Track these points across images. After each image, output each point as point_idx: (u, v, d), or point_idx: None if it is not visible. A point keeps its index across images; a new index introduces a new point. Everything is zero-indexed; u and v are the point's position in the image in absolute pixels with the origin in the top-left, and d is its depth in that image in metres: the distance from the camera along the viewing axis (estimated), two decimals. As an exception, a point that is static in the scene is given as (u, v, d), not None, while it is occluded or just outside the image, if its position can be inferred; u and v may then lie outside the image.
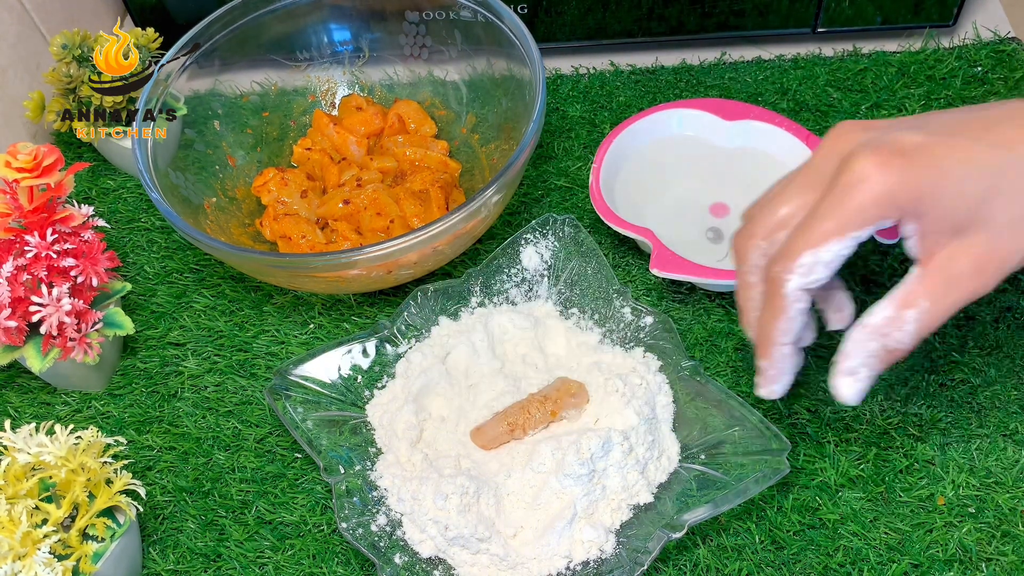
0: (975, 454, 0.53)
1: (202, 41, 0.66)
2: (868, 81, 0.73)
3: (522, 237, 0.60)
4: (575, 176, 0.69)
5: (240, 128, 0.70)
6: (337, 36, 0.72)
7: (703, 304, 0.61)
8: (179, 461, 0.57)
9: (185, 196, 0.63)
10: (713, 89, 0.74)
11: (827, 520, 0.52)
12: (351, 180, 0.67)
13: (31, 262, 0.54)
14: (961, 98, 0.71)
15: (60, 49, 0.66)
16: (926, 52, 0.74)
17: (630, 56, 0.78)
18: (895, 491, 0.52)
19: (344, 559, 0.53)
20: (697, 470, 0.51)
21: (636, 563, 0.47)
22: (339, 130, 0.70)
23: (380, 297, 0.64)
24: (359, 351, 0.57)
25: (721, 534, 0.52)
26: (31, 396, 0.61)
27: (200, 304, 0.65)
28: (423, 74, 0.72)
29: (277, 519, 0.54)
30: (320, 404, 0.55)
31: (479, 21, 0.66)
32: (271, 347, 0.62)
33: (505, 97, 0.66)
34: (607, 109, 0.74)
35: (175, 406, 0.60)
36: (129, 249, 0.68)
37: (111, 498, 0.48)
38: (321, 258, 0.55)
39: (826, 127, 0.70)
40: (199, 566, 0.53)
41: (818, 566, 0.50)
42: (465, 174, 0.69)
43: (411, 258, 0.57)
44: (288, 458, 0.57)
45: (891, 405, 0.55)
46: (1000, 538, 0.50)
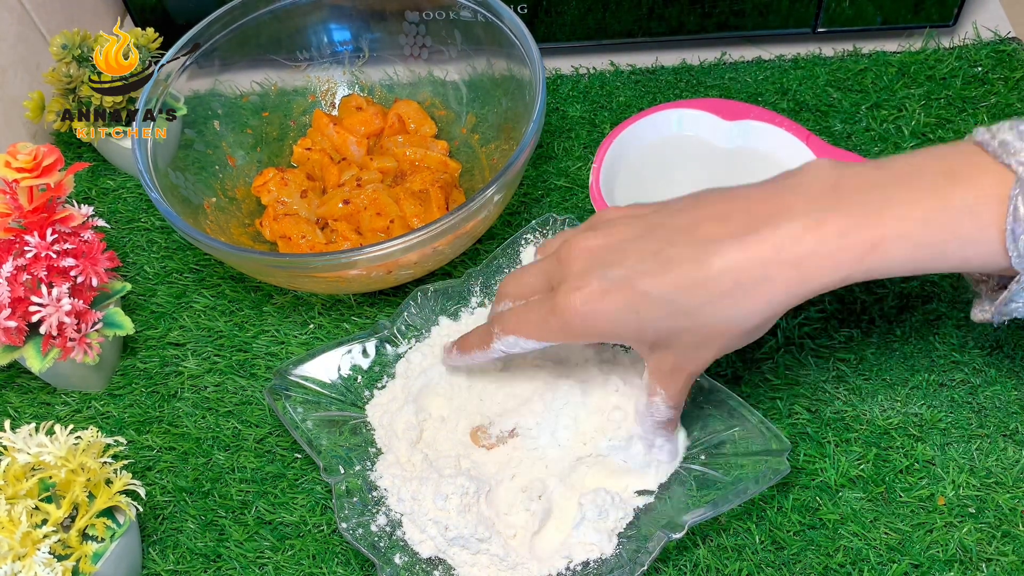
0: (975, 454, 0.53)
1: (202, 41, 0.66)
2: (868, 81, 0.73)
3: (522, 237, 0.60)
4: (575, 176, 0.69)
5: (240, 128, 0.70)
6: (337, 36, 0.72)
7: (703, 304, 0.61)
8: (179, 461, 0.57)
9: (185, 196, 0.63)
10: (713, 89, 0.74)
11: (827, 520, 0.52)
12: (351, 180, 0.67)
13: (31, 262, 0.54)
14: (961, 98, 0.71)
15: (60, 49, 0.66)
16: (926, 52, 0.74)
17: (630, 56, 0.78)
18: (895, 491, 0.52)
19: (344, 559, 0.53)
20: (697, 470, 0.51)
21: (636, 563, 0.47)
22: (339, 130, 0.70)
23: (380, 297, 0.64)
24: (359, 351, 0.57)
25: (721, 534, 0.52)
26: (31, 396, 0.61)
27: (200, 304, 0.65)
28: (423, 74, 0.72)
29: (277, 519, 0.54)
30: (320, 404, 0.55)
31: (479, 21, 0.66)
32: (271, 347, 0.62)
33: (505, 97, 0.66)
34: (607, 109, 0.74)
35: (175, 406, 0.60)
36: (129, 249, 0.68)
37: (111, 498, 0.48)
38: (321, 258, 0.55)
39: (826, 127, 0.70)
40: (199, 566, 0.53)
41: (818, 566, 0.50)
42: (465, 174, 0.69)
43: (411, 258, 0.56)
44: (288, 458, 0.57)
45: (891, 405, 0.55)
46: (1000, 538, 0.50)
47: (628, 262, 0.43)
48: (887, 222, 0.40)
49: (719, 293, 0.42)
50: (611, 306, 0.43)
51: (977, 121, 0.68)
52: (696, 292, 0.42)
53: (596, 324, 0.44)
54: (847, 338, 0.58)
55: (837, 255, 0.40)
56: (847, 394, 0.56)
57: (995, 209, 0.39)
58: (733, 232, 0.42)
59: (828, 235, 0.40)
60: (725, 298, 0.42)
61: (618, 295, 0.43)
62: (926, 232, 0.40)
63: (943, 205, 0.40)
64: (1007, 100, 0.70)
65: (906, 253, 0.40)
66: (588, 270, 0.44)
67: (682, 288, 0.42)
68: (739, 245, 0.41)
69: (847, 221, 0.40)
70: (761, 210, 0.42)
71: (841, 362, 0.57)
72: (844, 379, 0.57)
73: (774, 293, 0.41)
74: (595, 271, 0.44)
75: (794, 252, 0.40)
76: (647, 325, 0.43)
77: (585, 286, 0.44)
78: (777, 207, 0.41)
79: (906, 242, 0.40)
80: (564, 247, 0.46)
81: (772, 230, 0.41)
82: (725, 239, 0.42)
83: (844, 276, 0.41)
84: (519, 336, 0.47)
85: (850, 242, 0.40)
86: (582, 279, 0.44)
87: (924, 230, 0.40)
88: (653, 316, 0.43)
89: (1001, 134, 0.40)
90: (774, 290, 0.41)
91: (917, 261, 0.41)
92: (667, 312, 0.43)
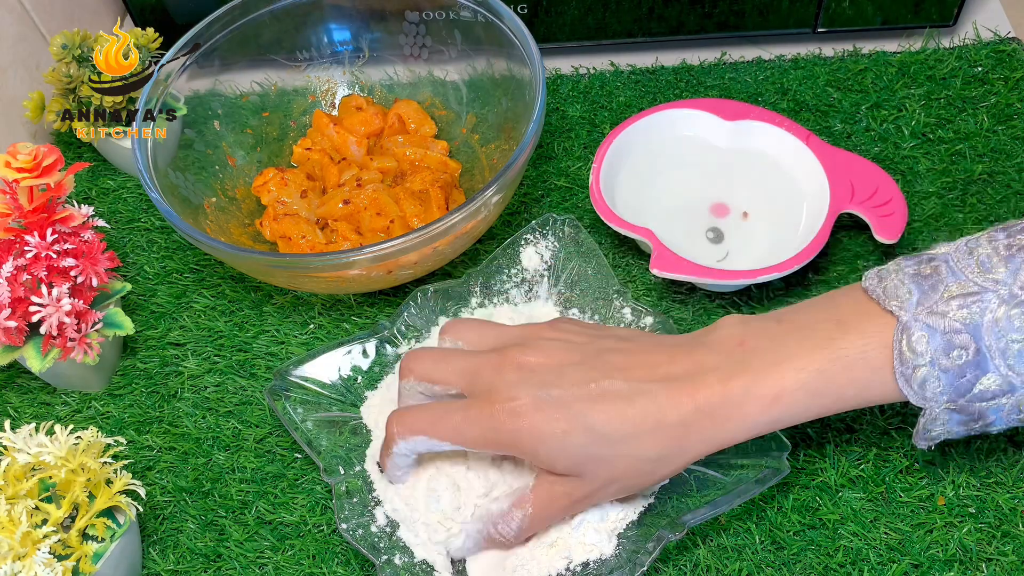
0: (975, 454, 0.53)
1: (202, 41, 0.66)
2: (868, 81, 0.73)
3: (522, 237, 0.60)
4: (575, 176, 0.69)
5: (240, 128, 0.70)
6: (337, 36, 0.72)
7: (703, 304, 0.61)
8: (179, 461, 0.57)
9: (185, 196, 0.63)
10: (713, 89, 0.74)
11: (827, 520, 0.52)
12: (351, 180, 0.67)
13: (31, 262, 0.54)
14: (961, 98, 0.71)
15: (60, 49, 0.66)
16: (926, 52, 0.74)
17: (630, 56, 0.78)
18: (895, 491, 0.52)
19: (344, 559, 0.53)
20: (697, 470, 0.51)
21: (636, 563, 0.47)
22: (339, 130, 0.70)
23: (380, 297, 0.64)
24: (359, 352, 0.57)
25: (721, 534, 0.52)
26: (31, 396, 0.61)
27: (200, 304, 0.65)
28: (423, 74, 0.72)
29: (277, 519, 0.54)
30: (320, 405, 0.55)
31: (479, 21, 0.66)
32: (271, 347, 0.62)
33: (505, 97, 0.66)
34: (607, 109, 0.74)
35: (175, 406, 0.60)
36: (129, 249, 0.68)
37: (111, 498, 0.48)
38: (321, 258, 0.55)
39: (826, 127, 0.70)
40: (199, 566, 0.53)
41: (818, 566, 0.50)
42: (465, 174, 0.69)
43: (411, 258, 0.56)
44: (288, 458, 0.57)
45: (891, 405, 0.55)
46: (1000, 538, 0.50)
47: (565, 385, 0.45)
48: (786, 375, 0.43)
49: (643, 430, 0.44)
50: (542, 423, 0.44)
51: (977, 121, 0.68)
52: (623, 426, 0.44)
53: (521, 438, 0.45)
54: (847, 338, 0.58)
55: (742, 407, 0.44)
56: (847, 394, 0.56)
57: (884, 354, 0.42)
58: (659, 377, 0.45)
59: (735, 390, 0.44)
60: (645, 436, 0.44)
61: (551, 414, 0.44)
62: (822, 381, 0.43)
63: (835, 356, 0.43)
64: (1007, 100, 0.70)
65: (807, 401, 0.44)
66: (523, 384, 0.45)
67: (612, 419, 0.44)
68: (665, 388, 0.45)
69: (751, 377, 0.44)
70: (684, 362, 0.46)
71: (841, 362, 0.57)
72: (844, 379, 0.57)
73: (686, 437, 0.44)
74: (531, 387, 0.45)
75: (707, 403, 0.44)
76: (569, 447, 0.45)
77: (519, 399, 0.45)
78: (696, 362, 0.45)
79: (805, 392, 0.43)
80: (497, 356, 0.47)
81: (690, 381, 0.45)
82: (653, 381, 0.45)
83: (749, 425, 0.44)
84: (431, 437, 0.47)
85: (753, 396, 0.44)
86: (516, 391, 0.45)
87: (820, 380, 0.43)
88: (578, 441, 0.44)
89: (886, 279, 0.43)
90: (687, 434, 0.44)
91: (819, 408, 0.44)
92: (592, 439, 0.44)
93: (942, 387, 0.41)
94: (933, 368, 0.41)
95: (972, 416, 0.42)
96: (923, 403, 0.42)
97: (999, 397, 0.41)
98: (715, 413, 0.44)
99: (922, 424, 0.43)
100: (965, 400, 0.41)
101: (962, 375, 0.41)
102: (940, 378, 0.41)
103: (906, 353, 0.41)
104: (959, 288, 0.41)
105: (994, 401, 0.41)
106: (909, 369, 0.41)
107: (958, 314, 0.41)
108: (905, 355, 0.41)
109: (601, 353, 0.47)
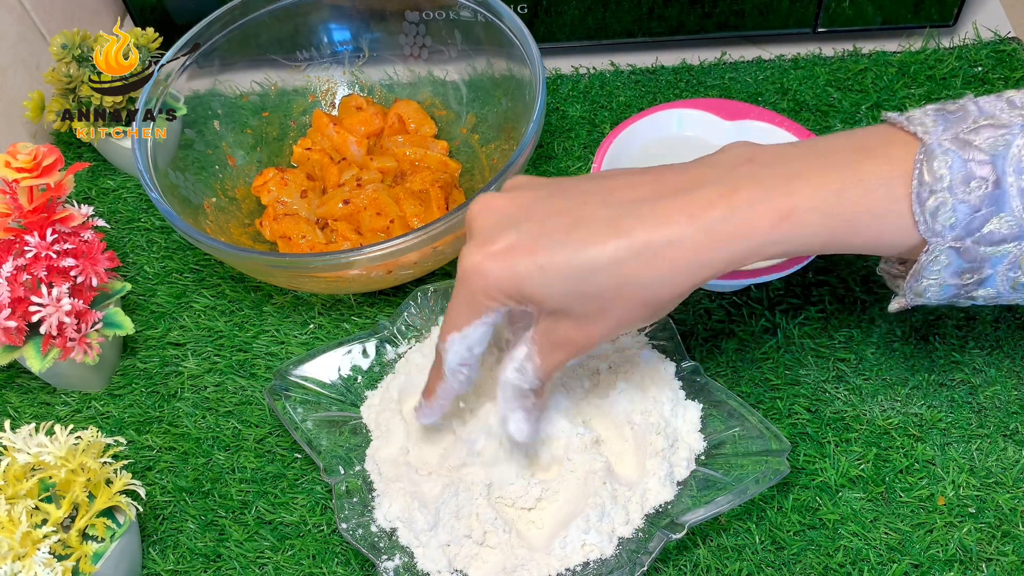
0: (975, 454, 0.53)
1: (202, 41, 0.66)
2: (868, 81, 0.73)
3: (522, 237, 0.60)
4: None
5: (240, 128, 0.70)
6: (337, 36, 0.72)
7: (703, 304, 0.61)
8: (179, 461, 0.57)
9: (185, 196, 0.63)
10: (713, 89, 0.74)
11: (827, 520, 0.52)
12: (351, 180, 0.67)
13: (31, 262, 0.54)
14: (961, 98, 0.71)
15: (60, 49, 0.66)
16: (926, 52, 0.74)
17: (630, 56, 0.78)
18: (895, 491, 0.52)
19: (344, 559, 0.53)
20: (697, 470, 0.51)
21: (636, 563, 0.47)
22: (339, 130, 0.70)
23: (380, 297, 0.64)
24: (359, 351, 0.57)
25: (721, 534, 0.52)
26: (31, 396, 0.61)
27: (200, 304, 0.65)
28: (423, 74, 0.72)
29: (277, 519, 0.54)
30: (320, 405, 0.55)
31: (479, 21, 0.66)
32: (271, 347, 0.62)
33: (505, 97, 0.66)
34: (607, 109, 0.74)
35: (175, 406, 0.60)
36: (129, 249, 0.68)
37: (111, 498, 0.48)
38: (321, 258, 0.55)
39: (826, 127, 0.70)
40: (199, 566, 0.53)
41: (818, 566, 0.50)
42: (465, 174, 0.69)
43: (411, 258, 0.56)
44: (288, 458, 0.57)
45: (891, 405, 0.55)
46: (1000, 538, 0.50)
47: (536, 218, 0.42)
48: (800, 192, 0.40)
49: (627, 253, 0.40)
50: (517, 262, 0.41)
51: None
52: (604, 250, 0.41)
53: (500, 282, 0.42)
54: (847, 338, 0.58)
55: (748, 222, 0.40)
56: (847, 394, 0.56)
57: (906, 182, 0.39)
58: (645, 196, 0.41)
59: (739, 202, 0.40)
60: (632, 259, 0.40)
61: (525, 250, 0.41)
62: (839, 204, 0.40)
63: (856, 178, 0.40)
64: (1007, 100, 0.70)
65: (818, 224, 0.40)
66: (494, 226, 0.43)
67: (591, 245, 0.41)
68: (651, 205, 0.41)
69: (759, 190, 0.40)
70: (676, 180, 0.42)
71: (841, 362, 0.57)
72: (844, 379, 0.57)
73: (680, 258, 0.40)
74: (502, 228, 0.42)
75: (705, 216, 0.40)
76: (551, 283, 0.41)
77: (490, 243, 0.42)
78: (692, 178, 0.41)
79: (818, 214, 0.40)
80: (468, 210, 0.45)
81: (685, 195, 0.40)
82: (637, 200, 0.41)
83: (754, 245, 0.40)
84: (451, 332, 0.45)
85: (762, 210, 0.40)
86: (487, 235, 0.43)
87: (837, 202, 0.40)
88: (558, 274, 0.41)
89: (909, 113, 0.41)
90: (681, 255, 0.40)
91: (830, 233, 0.40)
92: (573, 271, 0.41)
93: (955, 219, 0.39)
94: (950, 195, 0.38)
95: (972, 264, 0.40)
96: (930, 236, 0.39)
97: (1007, 243, 0.39)
98: (715, 228, 0.40)
99: (918, 266, 0.41)
100: (972, 240, 0.39)
101: (977, 209, 0.39)
102: (955, 208, 0.39)
103: (925, 177, 0.39)
104: (987, 120, 0.39)
105: (1000, 247, 0.39)
106: (926, 192, 0.39)
107: (984, 143, 0.38)
108: (924, 179, 0.39)
109: (573, 184, 0.44)
